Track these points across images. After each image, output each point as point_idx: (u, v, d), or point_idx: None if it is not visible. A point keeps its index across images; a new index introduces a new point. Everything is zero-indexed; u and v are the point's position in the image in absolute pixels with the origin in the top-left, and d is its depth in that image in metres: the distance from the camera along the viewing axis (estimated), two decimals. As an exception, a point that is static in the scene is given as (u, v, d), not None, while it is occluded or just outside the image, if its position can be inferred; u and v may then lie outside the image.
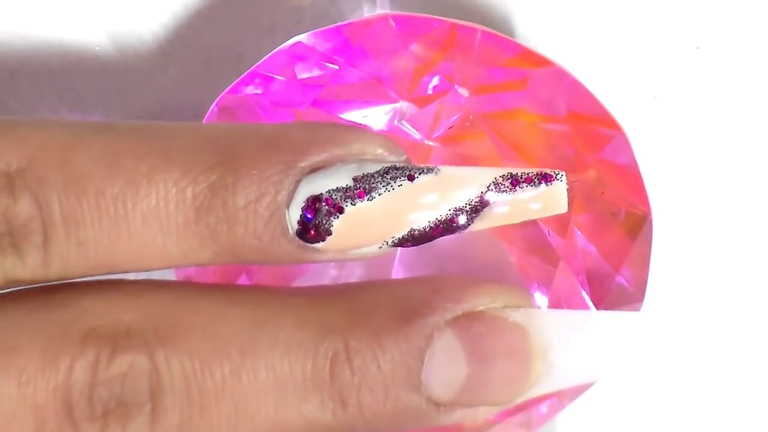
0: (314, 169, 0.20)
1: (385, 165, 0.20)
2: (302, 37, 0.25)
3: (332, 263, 0.27)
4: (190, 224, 0.20)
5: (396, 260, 0.28)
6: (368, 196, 0.20)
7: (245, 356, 0.20)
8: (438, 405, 0.21)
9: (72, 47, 0.29)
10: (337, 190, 0.20)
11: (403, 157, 0.21)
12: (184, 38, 0.29)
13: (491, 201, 0.20)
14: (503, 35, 0.25)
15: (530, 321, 0.21)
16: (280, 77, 0.26)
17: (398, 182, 0.20)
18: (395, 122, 0.27)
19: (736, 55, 0.30)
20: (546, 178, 0.21)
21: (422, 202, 0.20)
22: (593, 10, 0.29)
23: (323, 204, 0.20)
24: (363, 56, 0.25)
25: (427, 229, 0.20)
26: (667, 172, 0.30)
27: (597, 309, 0.26)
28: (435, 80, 0.26)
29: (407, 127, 0.27)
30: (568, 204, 0.26)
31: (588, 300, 0.27)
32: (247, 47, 0.29)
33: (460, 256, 0.27)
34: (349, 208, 0.20)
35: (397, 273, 0.28)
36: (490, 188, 0.21)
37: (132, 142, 0.20)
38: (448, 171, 0.21)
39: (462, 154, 0.27)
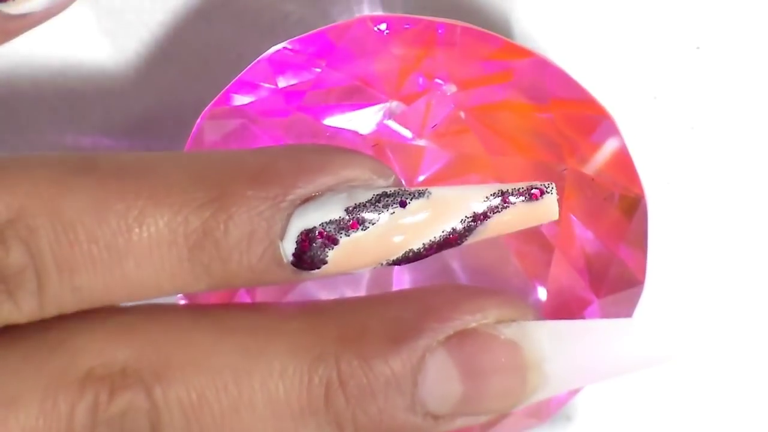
0: (305, 200, 0.20)
1: (376, 192, 0.20)
2: (283, 45, 0.25)
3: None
4: (184, 263, 0.20)
5: None
6: (362, 226, 0.20)
7: (242, 388, 0.20)
8: (436, 417, 0.21)
9: (72, 47, 0.29)
10: (330, 222, 0.20)
11: (392, 179, 0.21)
12: (184, 38, 0.29)
13: (484, 219, 0.21)
14: (483, 30, 0.25)
15: (523, 336, 0.21)
16: (263, 86, 0.26)
17: (390, 210, 0.20)
18: (384, 122, 0.27)
19: (736, 55, 0.30)
20: (537, 192, 0.21)
21: (416, 230, 0.20)
22: (593, 10, 0.29)
23: (317, 237, 0.20)
24: (346, 58, 0.26)
25: (422, 251, 0.21)
26: (666, 172, 0.30)
27: (598, 294, 0.26)
28: (420, 78, 0.26)
29: (397, 127, 0.27)
30: (561, 191, 0.26)
31: (587, 287, 0.27)
32: (247, 47, 0.29)
33: (460, 253, 0.27)
34: (343, 239, 0.20)
35: (399, 272, 0.28)
36: (481, 207, 0.21)
37: (119, 184, 0.20)
38: (438, 193, 0.21)
39: (455, 152, 0.27)
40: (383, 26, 0.25)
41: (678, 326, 0.22)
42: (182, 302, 0.25)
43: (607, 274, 0.26)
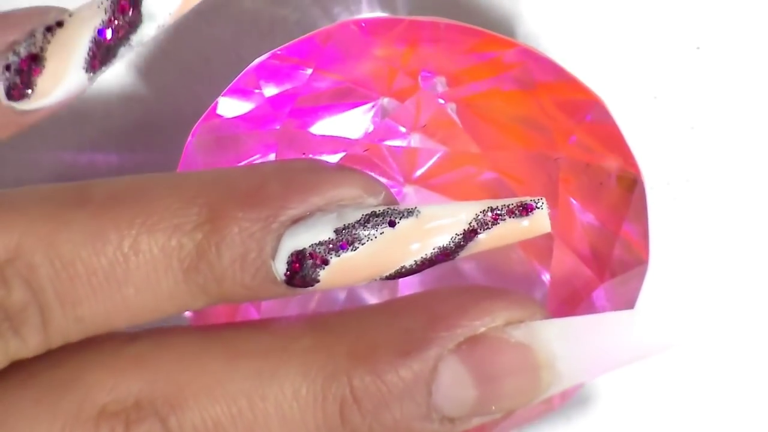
0: (295, 220, 0.20)
1: (365, 212, 0.20)
2: (269, 54, 0.25)
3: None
4: (180, 284, 0.20)
5: None
6: (351, 247, 0.20)
7: (256, 412, 0.20)
8: (452, 420, 0.21)
9: (72, 47, 0.29)
10: (320, 243, 0.20)
11: (382, 195, 0.21)
12: (184, 38, 0.29)
13: (474, 237, 0.21)
14: (466, 24, 0.25)
15: (533, 337, 0.21)
16: (253, 95, 0.26)
17: (380, 230, 0.20)
18: (377, 119, 0.27)
19: (736, 55, 0.30)
20: (527, 208, 0.21)
21: (406, 248, 0.21)
22: (593, 10, 0.29)
23: (307, 258, 0.20)
24: (334, 61, 0.26)
25: (413, 267, 0.21)
26: (666, 172, 0.30)
27: (603, 275, 0.26)
28: (409, 74, 0.26)
29: (390, 123, 0.27)
30: (557, 180, 0.26)
31: (592, 269, 0.27)
32: (247, 47, 0.29)
33: None
34: (334, 260, 0.20)
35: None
36: (471, 225, 0.21)
37: (112, 215, 0.20)
38: (428, 211, 0.21)
39: (449, 145, 0.27)
40: (366, 28, 0.25)
41: (680, 314, 0.22)
42: (188, 317, 0.25)
43: (611, 254, 0.26)
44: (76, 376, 0.20)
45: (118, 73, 0.29)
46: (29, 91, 0.21)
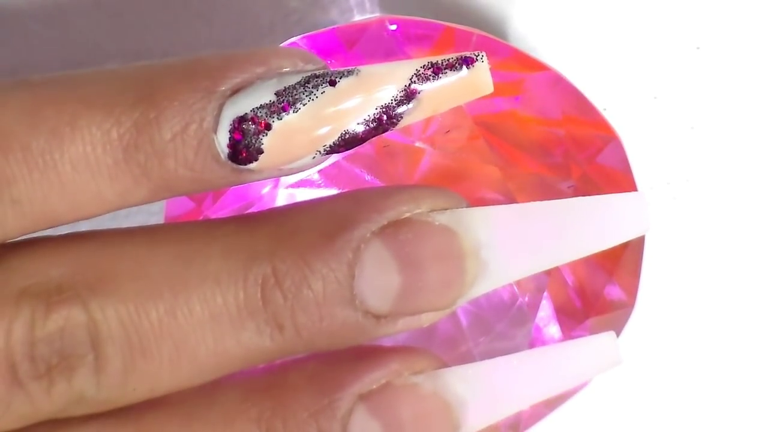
0: (235, 91, 0.20)
1: (305, 74, 0.20)
2: (297, 40, 0.25)
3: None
4: (121, 164, 0.20)
5: None
6: (293, 108, 0.20)
7: (177, 293, 0.20)
8: (377, 317, 0.21)
9: (72, 47, 0.29)
10: (261, 107, 0.20)
11: (321, 64, 0.21)
12: (185, 38, 0.29)
13: (416, 92, 0.20)
14: (499, 39, 0.25)
15: (457, 221, 0.21)
16: None
17: (321, 89, 0.20)
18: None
19: (736, 55, 0.30)
20: (467, 61, 0.20)
21: (347, 106, 0.20)
22: (592, 10, 0.29)
23: (250, 123, 0.20)
24: (357, 59, 0.26)
25: (358, 132, 0.20)
26: (666, 172, 0.30)
27: (589, 313, 0.26)
28: None
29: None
30: None
31: (580, 306, 0.27)
32: (247, 47, 0.29)
33: None
34: (276, 123, 0.20)
35: None
36: (413, 80, 0.20)
37: (50, 93, 0.20)
38: (368, 70, 0.20)
39: (458, 158, 0.27)
40: (399, 28, 0.25)
41: (672, 329, 0.21)
42: None
43: (600, 295, 0.26)
44: None
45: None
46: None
